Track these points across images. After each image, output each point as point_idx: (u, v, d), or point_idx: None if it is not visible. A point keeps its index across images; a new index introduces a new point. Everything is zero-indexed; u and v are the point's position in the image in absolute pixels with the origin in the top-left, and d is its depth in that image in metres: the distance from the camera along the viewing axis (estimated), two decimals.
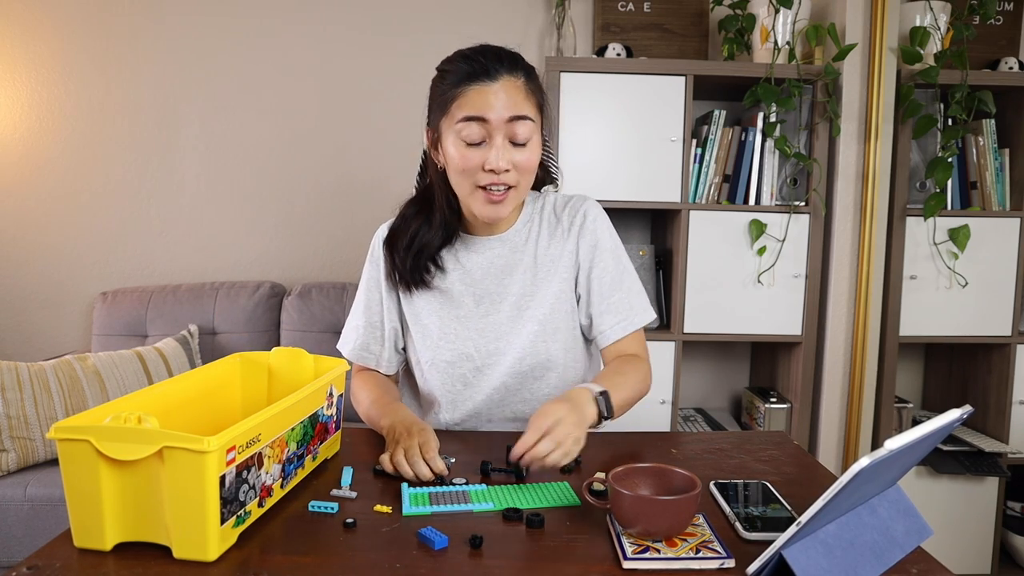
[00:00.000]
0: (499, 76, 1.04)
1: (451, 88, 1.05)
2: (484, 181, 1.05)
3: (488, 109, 1.03)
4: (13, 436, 1.74)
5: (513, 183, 1.06)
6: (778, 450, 1.06)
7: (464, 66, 1.05)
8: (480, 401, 1.18)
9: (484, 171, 1.05)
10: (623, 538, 0.74)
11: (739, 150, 2.05)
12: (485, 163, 1.04)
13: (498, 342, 1.16)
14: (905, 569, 0.70)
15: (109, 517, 0.70)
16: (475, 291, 1.17)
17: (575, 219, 1.19)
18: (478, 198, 1.07)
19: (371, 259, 1.24)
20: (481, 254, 1.18)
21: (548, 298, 1.17)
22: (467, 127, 1.03)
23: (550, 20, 2.35)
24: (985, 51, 2.27)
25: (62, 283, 2.42)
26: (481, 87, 1.03)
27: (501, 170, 1.04)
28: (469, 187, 1.07)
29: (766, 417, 2.11)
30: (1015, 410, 2.10)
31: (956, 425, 0.70)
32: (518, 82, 1.06)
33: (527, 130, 1.05)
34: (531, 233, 1.20)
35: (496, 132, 1.03)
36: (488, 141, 1.04)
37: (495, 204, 1.07)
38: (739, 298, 2.05)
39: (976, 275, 2.05)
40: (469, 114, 1.03)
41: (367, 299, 1.23)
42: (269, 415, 0.76)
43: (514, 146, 1.05)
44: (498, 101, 1.03)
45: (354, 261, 2.46)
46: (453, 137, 1.05)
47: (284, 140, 2.41)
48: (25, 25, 2.34)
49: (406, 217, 1.19)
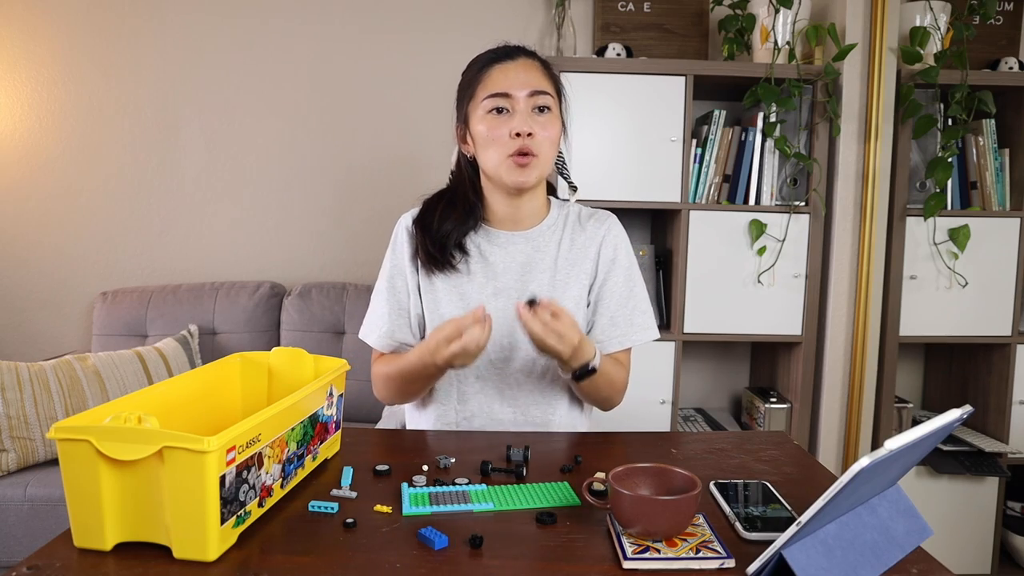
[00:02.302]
0: (518, 57, 1.15)
1: (475, 74, 1.16)
2: (512, 148, 1.11)
3: (510, 84, 1.12)
4: (13, 436, 1.74)
5: (537, 151, 1.12)
6: (778, 450, 1.06)
7: (486, 55, 1.17)
8: (492, 395, 1.19)
9: (511, 138, 1.11)
10: (623, 538, 0.74)
11: (739, 150, 2.05)
12: (511, 129, 1.11)
13: (511, 337, 1.17)
14: (905, 569, 0.70)
15: (109, 517, 0.70)
16: (495, 285, 1.19)
17: (599, 230, 1.23)
18: (507, 165, 1.13)
19: (393, 248, 1.24)
20: (504, 248, 1.20)
21: (567, 302, 1.19)
22: (492, 102, 1.12)
23: (550, 20, 2.35)
24: (985, 51, 2.27)
25: (62, 283, 2.43)
26: (502, 66, 1.14)
27: (526, 133, 1.10)
28: (498, 157, 1.13)
29: (766, 417, 2.11)
30: (1015, 410, 2.10)
31: (956, 425, 0.70)
32: (536, 63, 1.16)
33: (547, 102, 1.14)
34: (555, 235, 1.23)
35: (518, 103, 1.12)
36: (512, 111, 1.12)
37: (522, 168, 1.12)
38: (739, 298, 2.05)
39: (976, 275, 2.05)
40: (493, 91, 1.12)
41: (391, 286, 1.22)
42: (269, 415, 0.76)
43: (537, 114, 1.13)
44: (518, 77, 1.13)
45: (354, 261, 2.46)
46: (480, 114, 1.14)
47: (284, 140, 2.41)
48: (25, 25, 2.34)
49: (432, 203, 1.23)
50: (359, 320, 2.23)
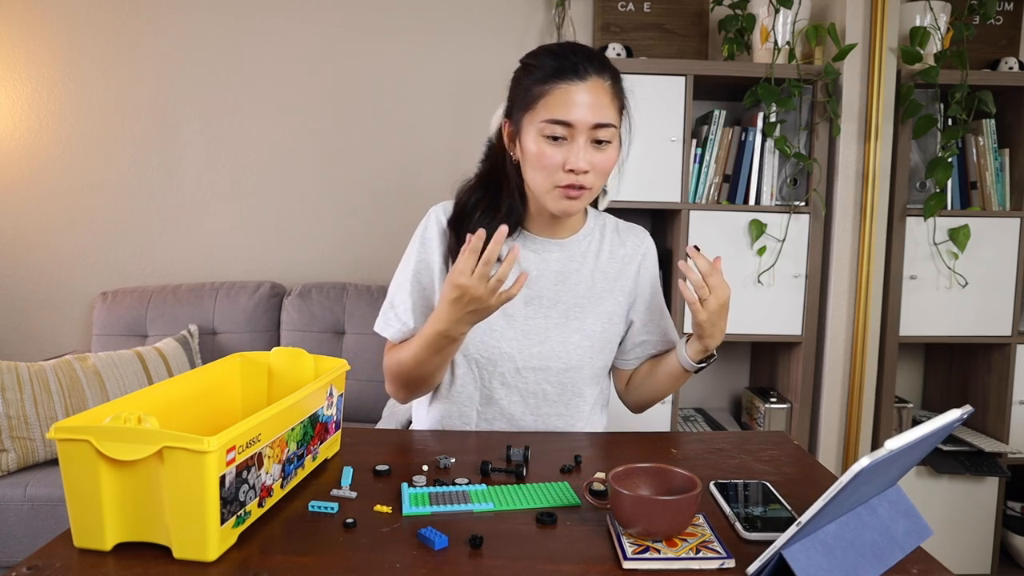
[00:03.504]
0: (587, 76, 1.03)
1: (537, 84, 1.05)
2: (564, 181, 1.05)
3: (574, 112, 1.02)
4: (13, 436, 1.74)
5: (589, 185, 1.06)
6: (778, 450, 1.06)
7: (551, 62, 1.05)
8: (516, 402, 1.17)
9: (564, 171, 1.04)
10: (623, 538, 0.74)
11: (739, 150, 2.05)
12: (566, 163, 1.04)
13: (542, 346, 1.15)
14: (905, 569, 0.70)
15: (109, 517, 0.70)
16: (526, 291, 1.15)
17: (639, 248, 1.23)
18: (555, 195, 1.07)
19: (423, 242, 1.17)
20: (539, 255, 1.17)
21: (602, 315, 1.18)
22: (551, 128, 1.03)
23: (550, 20, 2.35)
24: (985, 51, 2.27)
25: (62, 283, 2.42)
26: (568, 86, 1.03)
27: (581, 171, 1.04)
28: (547, 185, 1.06)
29: (766, 417, 2.11)
30: (1015, 410, 2.10)
31: (956, 425, 0.70)
32: (605, 84, 1.05)
33: (609, 134, 1.05)
34: (591, 246, 1.20)
35: (579, 135, 1.03)
36: (570, 140, 1.04)
37: (570, 201, 1.07)
38: (739, 298, 2.05)
39: (976, 275, 2.05)
40: (555, 117, 1.03)
41: (417, 280, 1.16)
42: (269, 415, 0.76)
43: (595, 147, 1.05)
44: (584, 104, 1.02)
45: (354, 261, 2.46)
46: (535, 134, 1.05)
47: (284, 140, 2.41)
48: (25, 25, 2.34)
49: (470, 202, 1.15)
50: (359, 320, 2.26)
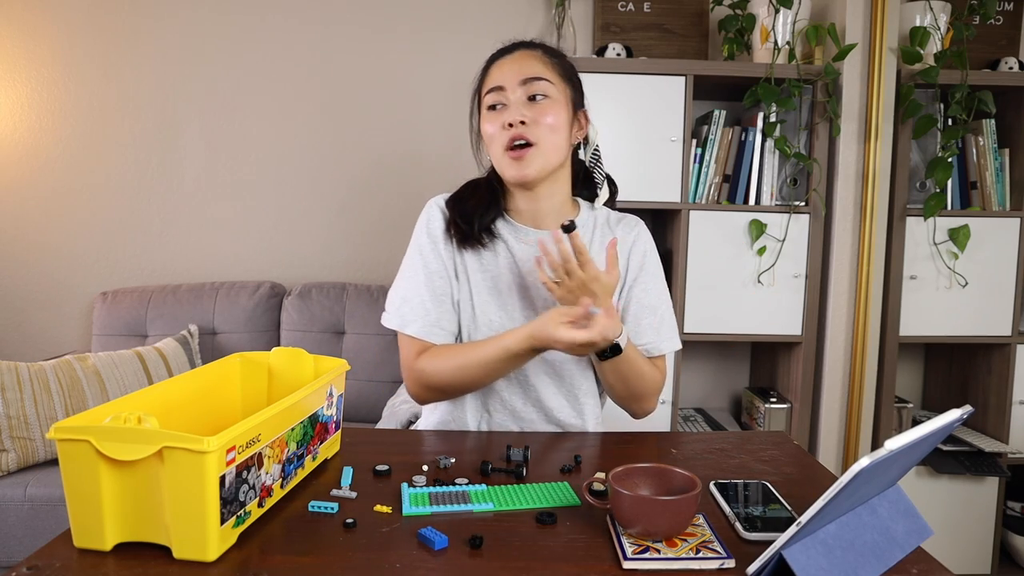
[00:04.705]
0: (515, 50, 1.15)
1: (480, 74, 1.17)
2: (505, 139, 1.10)
3: (503, 77, 1.12)
4: (13, 436, 1.74)
5: (532, 139, 1.10)
6: (778, 450, 1.06)
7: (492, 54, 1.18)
8: (516, 394, 1.18)
9: (503, 129, 1.10)
10: (623, 538, 0.74)
11: (739, 150, 2.05)
12: (503, 122, 1.10)
13: None
14: (905, 569, 0.70)
15: (109, 517, 0.70)
16: (521, 281, 1.18)
17: (628, 235, 1.23)
18: (505, 160, 1.12)
19: (427, 227, 1.19)
20: (531, 245, 1.18)
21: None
22: (489, 97, 1.13)
23: (550, 20, 2.35)
24: (985, 51, 2.27)
25: (62, 283, 2.43)
26: (499, 62, 1.15)
27: (517, 122, 1.09)
28: (498, 152, 1.12)
29: (766, 417, 2.11)
30: (1015, 410, 2.10)
31: (956, 425, 0.70)
32: (535, 52, 1.15)
33: (542, 88, 1.11)
34: (583, 237, 1.20)
35: (511, 94, 1.11)
36: (507, 103, 1.12)
37: (518, 162, 1.11)
38: (739, 298, 2.05)
39: (976, 275, 2.05)
40: (490, 86, 1.13)
41: (426, 270, 1.17)
42: (269, 415, 0.76)
43: (531, 103, 1.11)
44: (511, 68, 1.12)
45: (354, 261, 2.46)
46: (484, 112, 1.15)
47: (284, 140, 2.41)
48: (25, 25, 2.34)
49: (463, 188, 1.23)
50: (359, 320, 2.26)
